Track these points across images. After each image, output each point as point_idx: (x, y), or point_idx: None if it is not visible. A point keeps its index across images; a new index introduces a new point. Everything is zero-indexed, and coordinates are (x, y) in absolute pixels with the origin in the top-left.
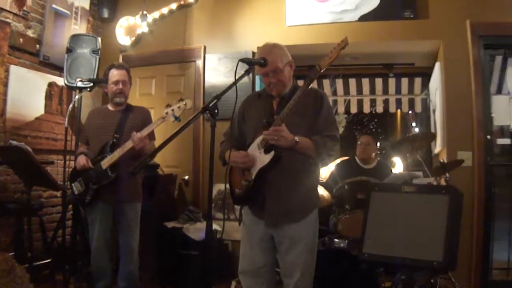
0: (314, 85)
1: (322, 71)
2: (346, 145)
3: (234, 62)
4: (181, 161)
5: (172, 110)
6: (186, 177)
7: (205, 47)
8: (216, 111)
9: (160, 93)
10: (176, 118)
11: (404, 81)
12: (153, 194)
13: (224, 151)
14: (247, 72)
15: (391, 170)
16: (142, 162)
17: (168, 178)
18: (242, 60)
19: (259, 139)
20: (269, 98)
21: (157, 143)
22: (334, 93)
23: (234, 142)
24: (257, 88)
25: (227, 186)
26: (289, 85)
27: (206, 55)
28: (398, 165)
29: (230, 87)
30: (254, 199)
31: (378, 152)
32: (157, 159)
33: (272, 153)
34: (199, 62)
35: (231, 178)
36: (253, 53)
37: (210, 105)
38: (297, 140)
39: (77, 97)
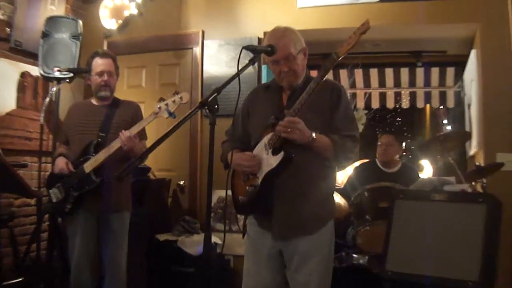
0: (329, 76)
1: (339, 59)
2: (366, 145)
3: (237, 49)
4: (176, 164)
5: (166, 104)
6: (182, 182)
7: (203, 32)
8: (216, 106)
9: (151, 85)
10: (171, 114)
11: (435, 71)
12: (144, 202)
13: (226, 152)
14: (252, 62)
15: (418, 175)
16: (131, 165)
17: (161, 184)
18: (247, 48)
19: (266, 138)
20: (278, 90)
21: (148, 142)
22: (353, 85)
23: (238, 142)
24: (264, 80)
25: (229, 192)
26: (302, 75)
27: (205, 42)
28: (426, 169)
29: (232, 78)
30: (260, 207)
31: (404, 153)
32: (148, 161)
33: (282, 154)
34: (197, 50)
35: (233, 183)
36: (259, 39)
37: (209, 99)
38: (315, 136)
39: (54, 89)
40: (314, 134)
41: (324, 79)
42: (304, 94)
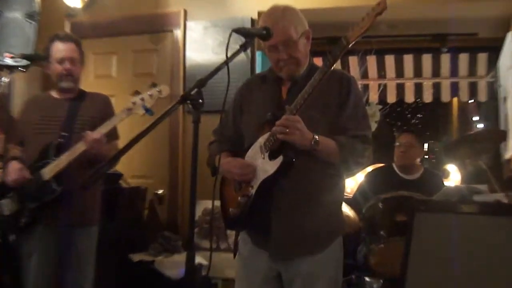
0: (336, 65)
1: (349, 46)
2: (381, 147)
3: (226, 32)
4: (154, 169)
5: (142, 99)
6: (160, 192)
7: (185, 12)
8: (200, 101)
9: (124, 75)
10: (147, 111)
11: (463, 58)
12: (114, 215)
13: (214, 156)
14: (243, 47)
15: (443, 182)
16: (99, 171)
17: (135, 193)
18: (237, 31)
19: (262, 139)
20: (276, 82)
21: (120, 143)
22: (365, 75)
23: (228, 143)
24: (258, 69)
25: (217, 203)
26: (305, 64)
27: (188, 23)
28: (453, 175)
29: (220, 67)
30: (255, 222)
31: (426, 157)
32: (120, 166)
33: (280, 158)
34: (178, 33)
35: (223, 192)
36: (253, 21)
37: (192, 92)
38: (317, 139)
39: (6, 79)
40: (316, 136)
41: (331, 69)
42: (307, 87)
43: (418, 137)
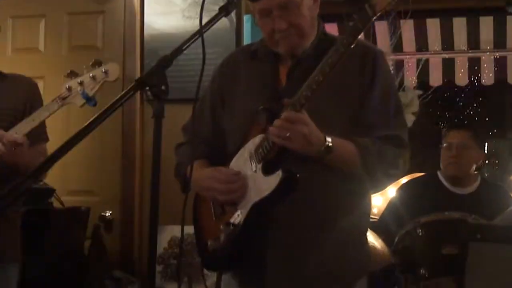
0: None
1: (376, 16)
2: (421, 149)
3: None
4: (99, 182)
5: (80, 83)
6: (109, 214)
7: None
8: (163, 87)
9: (55, 48)
10: (89, 100)
11: None
12: (42, 247)
13: (184, 164)
14: (224, 11)
15: (510, 199)
16: (19, 187)
17: (73, 216)
18: None
19: (252, 145)
20: (272, 59)
21: (51, 146)
22: (398, 48)
23: (203, 147)
24: (247, 40)
25: (190, 230)
26: (312, 34)
27: None
28: None
29: (191, 39)
30: (243, 260)
31: (485, 162)
32: (52, 178)
33: (279, 174)
34: None
35: (198, 217)
36: None
37: (153, 75)
38: (331, 144)
39: None
40: (329, 140)
41: (351, 47)
42: (316, 73)
43: (476, 135)
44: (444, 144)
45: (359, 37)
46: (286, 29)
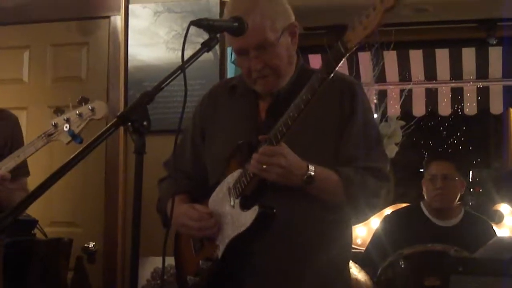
0: (341, 68)
1: (349, 53)
2: (404, 179)
3: (184, 20)
4: (82, 214)
5: (67, 120)
6: (92, 245)
7: None
8: (145, 123)
9: (39, 79)
10: (75, 138)
11: None
12: (26, 278)
13: (165, 198)
14: (206, 46)
15: (494, 231)
16: (1, 222)
17: (55, 247)
18: (197, 23)
19: (231, 179)
20: (251, 94)
21: (36, 179)
22: (381, 78)
23: (185, 183)
24: (230, 71)
25: (171, 262)
26: (289, 72)
27: (131, 6)
28: (508, 221)
29: (173, 75)
30: None
31: (471, 190)
32: (35, 209)
33: (256, 209)
34: (117, 20)
35: (178, 251)
36: (222, 4)
37: (134, 110)
38: (312, 174)
39: None
40: (311, 169)
41: (326, 81)
42: (291, 109)
43: (458, 165)
44: (428, 177)
45: (343, 68)
46: (262, 69)
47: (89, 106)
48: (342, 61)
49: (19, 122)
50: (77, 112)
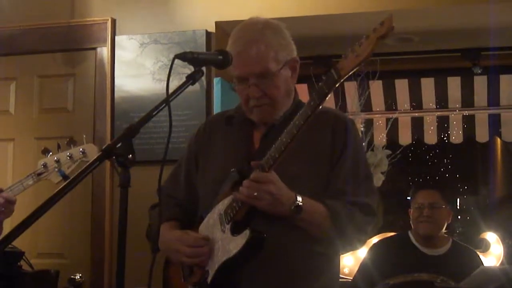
0: (328, 98)
1: (342, 80)
2: (391, 207)
3: (171, 51)
4: (69, 245)
5: (57, 161)
6: (78, 276)
7: (114, 22)
8: (129, 156)
9: (26, 111)
10: (66, 178)
11: (505, 81)
12: None
13: (156, 226)
14: (190, 79)
15: (481, 261)
16: None
17: (42, 279)
18: (182, 56)
19: (222, 206)
20: (247, 125)
21: (22, 213)
22: (367, 107)
23: (176, 210)
24: (217, 102)
25: None
26: (286, 104)
27: (117, 38)
28: (494, 249)
29: (158, 108)
30: None
31: (458, 217)
32: (21, 241)
33: (246, 234)
34: (103, 52)
35: (167, 280)
36: (208, 35)
37: (118, 144)
38: (300, 204)
39: None
40: (299, 199)
41: (318, 108)
42: (284, 135)
43: (444, 194)
44: (415, 205)
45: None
46: (260, 98)
47: (80, 149)
48: (333, 89)
49: None
50: (68, 153)
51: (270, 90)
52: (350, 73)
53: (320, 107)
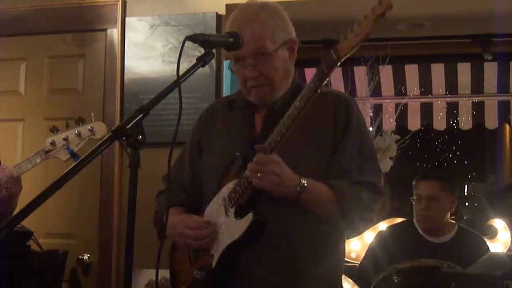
0: (336, 79)
1: (341, 60)
2: (399, 193)
3: (181, 33)
4: (78, 225)
5: (65, 139)
6: (86, 257)
7: (124, 4)
8: (139, 137)
9: (36, 91)
10: (74, 156)
11: None
12: None
13: (163, 212)
14: (201, 61)
15: (487, 247)
16: None
17: (50, 259)
18: (192, 38)
19: (226, 190)
20: (248, 109)
21: (31, 193)
22: (377, 92)
23: (182, 196)
24: (226, 85)
25: (167, 276)
26: (285, 85)
27: (127, 19)
28: (501, 236)
29: (168, 90)
30: None
31: (466, 204)
32: (30, 221)
33: (250, 216)
34: (113, 33)
35: (173, 262)
36: (218, 18)
37: (129, 125)
38: (305, 184)
39: None
40: (304, 182)
41: (318, 91)
42: (285, 118)
43: (444, 184)
44: (415, 197)
45: (340, 82)
46: (257, 78)
47: (88, 126)
48: (332, 69)
49: None
50: (76, 131)
51: (267, 70)
52: (349, 54)
53: (320, 88)
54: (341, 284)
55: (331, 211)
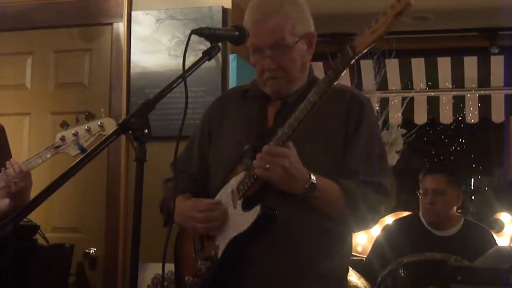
0: (343, 76)
1: (357, 57)
2: (405, 187)
3: (187, 27)
4: (84, 219)
5: (75, 134)
6: (93, 251)
7: None
8: (145, 131)
9: (42, 85)
10: (83, 151)
11: None
12: (27, 284)
13: (170, 198)
14: (207, 55)
15: (494, 240)
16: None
17: (57, 253)
18: (198, 32)
19: (234, 182)
20: (261, 100)
21: (38, 187)
22: (383, 86)
23: (190, 184)
24: (232, 78)
25: (170, 272)
26: (301, 79)
27: (133, 13)
28: (508, 229)
29: (174, 83)
30: None
31: (472, 198)
32: (36, 215)
33: (258, 209)
34: (119, 27)
35: (178, 255)
36: (224, 12)
37: (135, 119)
38: (315, 181)
39: None
40: (313, 178)
41: (333, 85)
42: (297, 112)
43: (451, 178)
44: (422, 191)
45: (345, 75)
46: (274, 69)
47: (98, 122)
48: (348, 65)
49: (4, 131)
50: (86, 127)
51: (285, 62)
52: (365, 50)
53: (335, 84)
54: (346, 278)
55: (339, 209)
